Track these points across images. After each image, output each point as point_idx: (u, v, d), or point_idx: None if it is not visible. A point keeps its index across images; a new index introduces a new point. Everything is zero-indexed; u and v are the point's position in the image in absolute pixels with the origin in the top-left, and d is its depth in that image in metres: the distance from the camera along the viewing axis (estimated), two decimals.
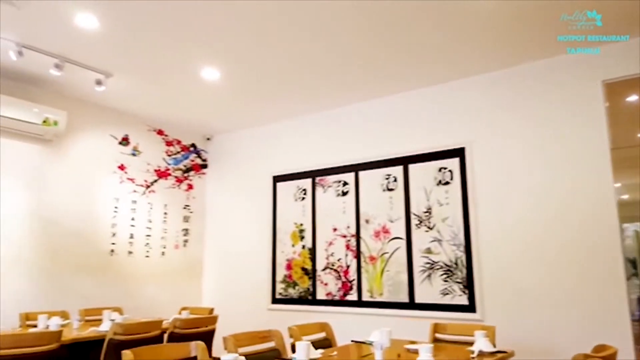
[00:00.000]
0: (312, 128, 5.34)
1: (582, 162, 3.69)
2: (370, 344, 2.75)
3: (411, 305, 4.31)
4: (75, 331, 3.50)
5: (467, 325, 3.34)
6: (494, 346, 2.82)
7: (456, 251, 4.14)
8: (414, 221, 4.42)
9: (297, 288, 5.10)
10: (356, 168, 4.89)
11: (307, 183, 5.24)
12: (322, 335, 3.10)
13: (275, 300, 5.26)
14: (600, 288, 3.48)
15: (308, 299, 5.00)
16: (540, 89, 3.95)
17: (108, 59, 3.98)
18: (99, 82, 4.18)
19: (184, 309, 4.64)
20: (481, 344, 2.75)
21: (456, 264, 4.12)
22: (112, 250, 5.03)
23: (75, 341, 3.18)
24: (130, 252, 5.20)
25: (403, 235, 4.46)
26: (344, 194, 4.93)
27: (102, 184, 5.02)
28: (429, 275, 4.26)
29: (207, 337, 3.77)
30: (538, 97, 3.95)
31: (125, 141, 5.32)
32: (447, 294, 4.14)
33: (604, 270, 3.48)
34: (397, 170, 4.60)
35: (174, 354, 2.40)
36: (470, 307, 3.99)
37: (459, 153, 4.26)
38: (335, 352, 2.77)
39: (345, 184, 4.95)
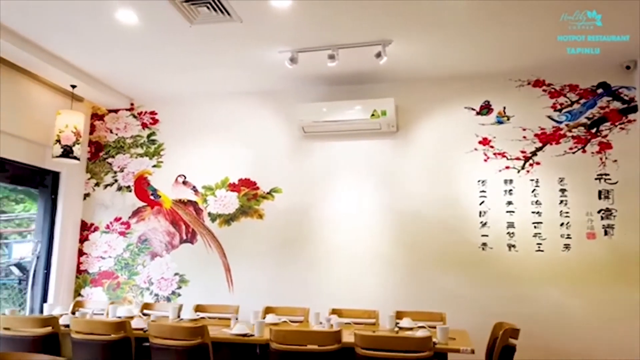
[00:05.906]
0: None
1: None
2: None
3: None
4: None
5: None
6: None
7: None
8: None
9: None
10: None
11: None
12: None
13: None
14: None
15: None
16: None
17: (376, 26, 3.44)
18: (378, 55, 3.67)
19: None
20: None
21: None
22: (484, 244, 4.08)
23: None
24: (511, 246, 4.03)
25: None
26: None
27: (460, 166, 4.24)
28: None
29: None
30: None
31: (485, 109, 4.29)
32: None
33: None
34: None
35: None
36: None
37: None
38: None
39: None
